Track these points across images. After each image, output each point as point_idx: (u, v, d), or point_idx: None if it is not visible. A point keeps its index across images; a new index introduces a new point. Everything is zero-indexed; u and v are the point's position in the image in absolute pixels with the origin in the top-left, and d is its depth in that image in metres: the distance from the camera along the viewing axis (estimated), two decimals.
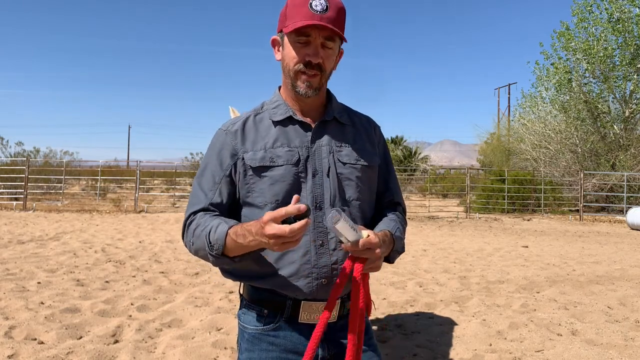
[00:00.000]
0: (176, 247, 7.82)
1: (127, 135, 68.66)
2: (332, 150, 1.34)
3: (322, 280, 1.27)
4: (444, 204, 19.55)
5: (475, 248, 8.49)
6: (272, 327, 1.31)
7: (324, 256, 1.28)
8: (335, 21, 1.25)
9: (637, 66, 16.33)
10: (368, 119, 1.50)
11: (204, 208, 1.30)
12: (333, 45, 1.29)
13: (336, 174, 1.32)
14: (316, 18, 1.22)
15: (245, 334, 1.35)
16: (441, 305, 4.68)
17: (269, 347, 1.31)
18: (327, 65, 1.29)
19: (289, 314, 1.30)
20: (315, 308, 1.30)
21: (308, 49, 1.26)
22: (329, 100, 1.41)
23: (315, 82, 1.28)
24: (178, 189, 19.92)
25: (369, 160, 1.39)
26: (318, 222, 1.28)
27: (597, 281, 5.86)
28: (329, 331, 1.32)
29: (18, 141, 23.23)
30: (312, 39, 1.25)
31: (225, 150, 1.34)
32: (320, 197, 1.30)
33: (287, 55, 1.30)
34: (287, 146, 1.31)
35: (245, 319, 1.37)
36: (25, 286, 4.95)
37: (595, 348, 3.53)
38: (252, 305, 1.35)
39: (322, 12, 1.22)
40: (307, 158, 1.31)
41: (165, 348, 3.40)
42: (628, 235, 11.25)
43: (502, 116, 39.16)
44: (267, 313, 1.32)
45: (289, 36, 1.28)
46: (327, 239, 1.28)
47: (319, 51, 1.26)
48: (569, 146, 18.11)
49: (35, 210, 13.88)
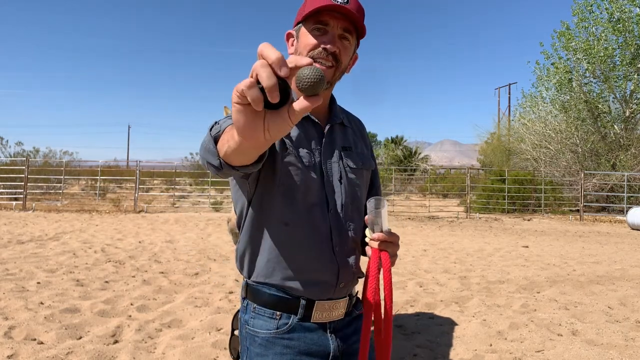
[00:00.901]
0: (176, 248, 7.82)
1: (127, 135, 68.74)
2: (341, 155, 1.34)
3: (334, 281, 1.28)
4: (444, 204, 19.54)
5: (475, 248, 8.49)
6: (286, 330, 1.28)
7: (340, 255, 1.29)
8: (356, 12, 1.23)
9: (637, 66, 16.32)
10: (359, 120, 1.53)
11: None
12: (351, 39, 1.26)
13: (347, 178, 1.33)
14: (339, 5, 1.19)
15: (257, 339, 1.30)
16: (441, 305, 4.68)
17: (283, 351, 1.28)
18: (343, 58, 1.25)
19: (302, 314, 1.28)
20: (328, 307, 1.30)
21: (325, 37, 1.22)
22: (332, 103, 1.40)
23: (329, 73, 1.24)
24: (178, 189, 19.93)
25: (369, 165, 1.42)
26: (333, 224, 1.28)
27: (598, 281, 5.86)
28: (337, 328, 1.33)
29: (18, 141, 23.25)
30: (330, 28, 1.22)
31: None
32: (332, 200, 1.30)
33: (302, 43, 1.25)
34: (306, 149, 1.28)
35: (255, 323, 1.32)
36: (24, 286, 4.95)
37: (596, 348, 3.53)
38: (263, 308, 1.31)
39: (344, 2, 1.20)
40: (319, 162, 1.30)
41: (165, 348, 3.39)
42: (628, 235, 11.24)
43: (502, 116, 39.18)
44: (279, 315, 1.29)
45: (306, 25, 1.24)
46: (340, 240, 1.29)
47: (336, 40, 1.22)
48: (570, 146, 18.11)
49: (34, 210, 13.88)
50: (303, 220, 1.26)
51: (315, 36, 1.22)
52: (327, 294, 1.29)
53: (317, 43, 1.22)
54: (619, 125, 17.29)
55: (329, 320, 1.31)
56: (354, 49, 1.30)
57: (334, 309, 1.31)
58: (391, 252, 1.23)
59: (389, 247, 1.21)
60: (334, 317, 1.32)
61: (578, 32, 17.32)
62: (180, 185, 23.02)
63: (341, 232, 1.29)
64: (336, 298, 1.31)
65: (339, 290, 1.30)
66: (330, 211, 1.28)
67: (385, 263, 1.20)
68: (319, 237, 1.27)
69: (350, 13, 1.20)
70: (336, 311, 1.32)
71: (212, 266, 6.29)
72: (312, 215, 1.26)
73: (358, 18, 1.22)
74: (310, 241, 1.26)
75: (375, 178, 1.52)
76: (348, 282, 1.32)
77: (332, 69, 1.23)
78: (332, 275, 1.28)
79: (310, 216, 1.26)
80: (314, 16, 1.22)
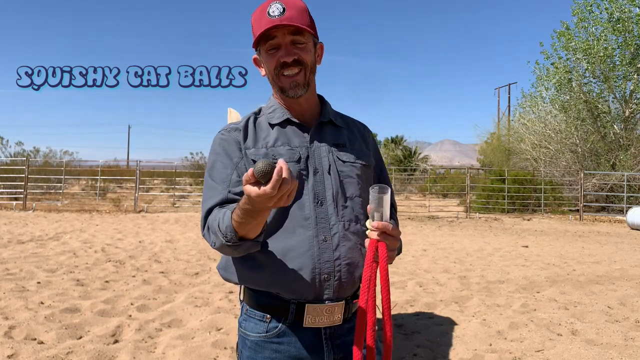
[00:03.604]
0: (176, 247, 7.82)
1: (127, 135, 68.73)
2: (331, 150, 1.36)
3: (324, 275, 1.25)
4: (444, 203, 19.54)
5: (475, 248, 8.49)
6: (275, 333, 1.28)
7: (327, 252, 1.27)
8: (295, 18, 1.27)
9: (637, 66, 16.31)
10: (362, 123, 1.54)
11: (219, 201, 1.27)
12: (304, 39, 1.31)
13: (337, 171, 1.33)
14: (275, 22, 1.25)
15: (247, 342, 1.32)
16: (441, 305, 4.68)
17: (272, 355, 1.28)
18: (305, 59, 1.31)
19: (292, 318, 1.28)
20: (320, 311, 1.27)
21: (280, 52, 1.29)
22: (323, 105, 1.44)
23: (299, 78, 1.31)
24: (178, 189, 19.92)
25: (367, 160, 1.42)
26: (321, 217, 1.28)
27: (597, 281, 5.86)
28: (334, 335, 1.31)
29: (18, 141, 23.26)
30: (280, 40, 1.29)
31: (232, 145, 1.34)
32: (322, 194, 1.30)
33: (267, 68, 1.34)
34: (287, 145, 1.33)
35: (246, 325, 1.33)
36: (25, 286, 4.95)
37: (596, 348, 3.53)
38: (254, 311, 1.32)
39: (280, 15, 1.26)
40: (307, 157, 1.32)
41: (165, 348, 3.40)
42: (628, 235, 11.25)
43: (502, 116, 39.16)
44: (269, 318, 1.29)
45: (262, 49, 1.33)
46: (330, 234, 1.28)
47: (290, 49, 1.29)
48: (569, 146, 18.11)
49: (35, 210, 13.88)
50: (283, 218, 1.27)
51: (272, 55, 1.31)
52: (313, 293, 1.26)
53: (277, 61, 1.30)
54: (619, 125, 17.30)
55: (324, 325, 1.29)
56: (313, 44, 1.35)
57: (328, 314, 1.28)
58: (390, 245, 1.19)
59: (388, 239, 1.18)
60: (330, 323, 1.29)
61: (578, 32, 17.32)
62: (180, 185, 23.02)
63: (330, 224, 1.28)
64: (330, 301, 1.27)
65: (327, 288, 1.26)
66: (318, 204, 1.29)
67: (382, 253, 1.16)
68: (303, 232, 1.26)
69: (290, 24, 1.26)
70: (331, 316, 1.28)
71: (212, 266, 6.29)
72: (295, 211, 1.27)
73: (299, 23, 1.27)
74: (294, 238, 1.26)
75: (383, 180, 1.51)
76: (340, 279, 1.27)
77: (300, 72, 1.30)
78: (315, 272, 1.25)
79: (294, 213, 1.27)
80: (262, 39, 1.30)
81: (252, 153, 1.31)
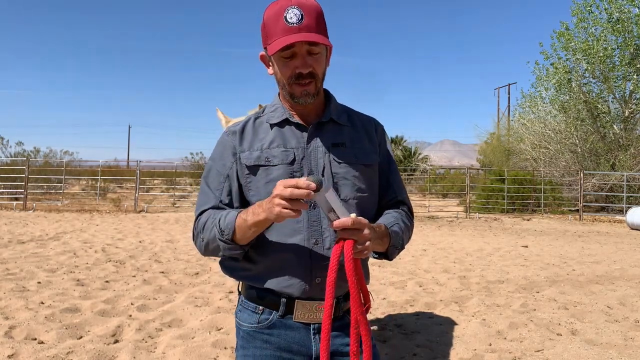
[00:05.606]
0: (176, 247, 7.83)
1: (127, 135, 68.71)
2: (328, 151, 1.35)
3: (316, 279, 1.28)
4: (444, 203, 19.54)
5: (475, 248, 8.50)
6: (266, 325, 1.33)
7: (318, 254, 1.29)
8: (314, 27, 1.25)
9: (636, 66, 16.32)
10: (370, 118, 1.50)
11: (213, 206, 1.35)
12: (319, 49, 1.29)
13: (331, 173, 1.33)
14: (294, 31, 1.23)
15: (240, 331, 1.39)
16: (441, 305, 4.69)
17: (262, 345, 1.33)
18: (318, 70, 1.31)
19: (283, 312, 1.32)
20: (310, 307, 1.31)
21: (296, 61, 1.27)
22: (328, 101, 1.43)
23: (311, 89, 1.31)
24: (178, 189, 19.93)
25: (368, 159, 1.39)
26: (313, 220, 1.30)
27: (597, 281, 5.87)
28: None
29: (18, 141, 23.22)
30: (297, 50, 1.26)
31: (227, 150, 1.39)
32: None
33: (279, 73, 1.33)
34: (282, 147, 1.34)
35: (241, 316, 1.40)
36: (25, 286, 4.96)
37: (595, 348, 3.54)
38: (248, 302, 1.38)
39: (298, 22, 1.23)
40: (302, 158, 1.33)
41: (165, 348, 3.40)
42: (628, 235, 11.25)
43: (502, 116, 39.17)
44: (261, 310, 1.35)
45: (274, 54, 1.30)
46: (322, 237, 1.30)
47: (306, 60, 1.27)
48: (569, 146, 18.11)
49: (35, 210, 13.88)
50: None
51: (285, 63, 1.29)
52: (304, 291, 1.29)
53: (293, 71, 1.28)
54: (618, 125, 17.30)
55: (314, 321, 1.32)
56: (325, 51, 1.33)
57: (318, 311, 1.31)
58: (360, 239, 1.14)
59: (354, 234, 1.13)
60: (319, 320, 1.31)
61: (577, 33, 17.33)
62: (181, 185, 23.02)
63: (322, 227, 1.30)
64: (319, 298, 1.29)
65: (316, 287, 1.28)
66: (311, 206, 1.30)
67: (347, 252, 1.11)
68: (296, 234, 1.29)
69: (310, 36, 1.24)
70: (321, 313, 1.31)
71: (212, 266, 6.30)
72: None
73: (317, 32, 1.26)
74: (287, 240, 1.29)
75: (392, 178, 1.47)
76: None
77: (311, 84, 1.30)
78: (306, 271, 1.29)
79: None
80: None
81: (245, 157, 1.34)
